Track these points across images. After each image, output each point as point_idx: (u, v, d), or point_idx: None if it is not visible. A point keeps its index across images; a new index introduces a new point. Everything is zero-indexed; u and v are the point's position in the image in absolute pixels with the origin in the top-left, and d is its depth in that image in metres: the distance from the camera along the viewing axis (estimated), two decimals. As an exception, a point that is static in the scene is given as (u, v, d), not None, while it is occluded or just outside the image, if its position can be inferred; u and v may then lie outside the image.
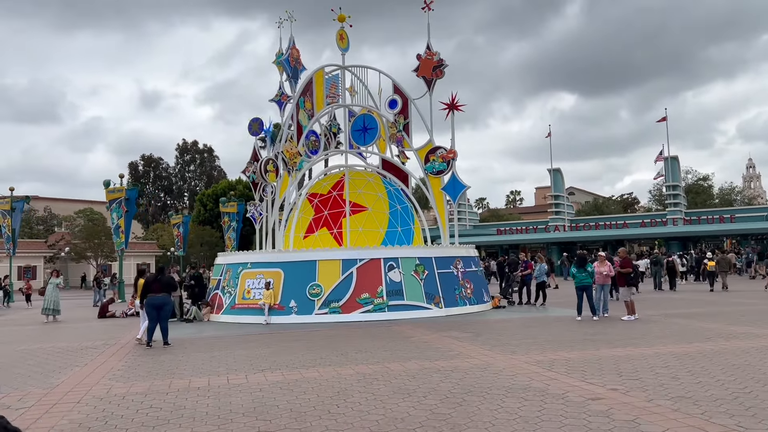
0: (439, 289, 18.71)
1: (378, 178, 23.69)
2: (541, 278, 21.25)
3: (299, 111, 20.66)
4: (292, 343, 13.44)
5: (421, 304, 18.27)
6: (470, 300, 19.58)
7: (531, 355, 10.82)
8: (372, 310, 17.77)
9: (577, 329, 14.51)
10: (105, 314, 22.67)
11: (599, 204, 76.09)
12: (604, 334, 13.45)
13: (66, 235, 65.36)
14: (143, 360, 11.73)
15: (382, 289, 17.98)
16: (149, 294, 13.53)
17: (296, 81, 21.12)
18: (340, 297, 17.80)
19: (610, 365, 9.69)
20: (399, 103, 21.86)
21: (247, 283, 18.87)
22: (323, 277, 18.00)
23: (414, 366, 10.07)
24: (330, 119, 23.35)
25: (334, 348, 12.41)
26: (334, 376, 9.39)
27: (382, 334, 14.53)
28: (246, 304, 18.60)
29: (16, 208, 40.35)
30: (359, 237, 22.67)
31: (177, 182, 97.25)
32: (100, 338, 15.62)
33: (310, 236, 23.67)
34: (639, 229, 50.54)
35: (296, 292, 18.01)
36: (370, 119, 21.79)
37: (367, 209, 23.41)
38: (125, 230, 36.51)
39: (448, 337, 13.58)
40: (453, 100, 21.05)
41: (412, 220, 23.27)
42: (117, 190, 36.35)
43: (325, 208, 23.66)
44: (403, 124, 21.68)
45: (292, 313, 17.86)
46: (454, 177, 20.84)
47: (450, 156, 20.82)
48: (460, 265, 19.69)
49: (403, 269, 18.39)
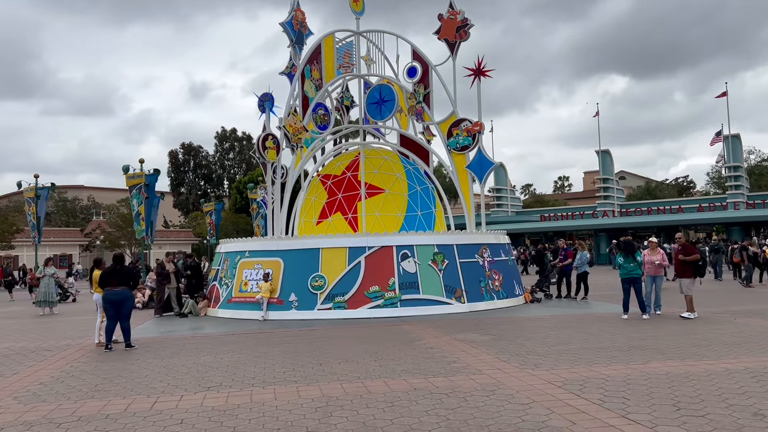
0: (461, 281, 16.26)
1: (396, 156, 21.28)
2: (583, 268, 18.51)
3: (305, 81, 18.40)
4: (272, 347, 11.25)
5: (439, 298, 15.85)
6: (499, 294, 17.05)
7: (558, 371, 8.33)
8: (382, 305, 15.46)
9: (622, 331, 11.89)
10: (105, 307, 21.00)
11: (651, 188, 71.65)
12: (655, 339, 10.81)
13: (102, 223, 65.09)
14: (83, 368, 9.72)
15: (394, 281, 15.65)
16: (106, 288, 11.52)
17: (301, 47, 18.83)
18: (346, 290, 15.55)
19: (664, 389, 7.14)
20: (419, 70, 19.36)
21: (244, 274, 16.79)
22: (327, 268, 15.77)
23: (400, 386, 7.72)
24: (342, 91, 21.00)
25: (317, 355, 10.17)
26: (289, 401, 7.13)
27: (384, 335, 12.22)
28: (243, 298, 16.53)
29: (41, 195, 39.55)
30: (375, 222, 20.34)
31: (216, 170, 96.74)
32: (75, 336, 13.76)
33: (324, 222, 21.46)
34: (696, 214, 46.61)
35: (297, 284, 15.85)
36: (387, 90, 19.40)
37: (384, 191, 21.02)
38: (146, 217, 35.08)
39: (461, 341, 11.17)
40: (479, 65, 18.43)
41: (433, 204, 20.78)
42: (137, 176, 34.90)
43: (339, 190, 21.39)
44: (423, 95, 19.17)
45: (292, 308, 15.70)
46: (481, 153, 18.26)
47: (476, 129, 18.24)
48: (486, 253, 17.16)
49: (419, 258, 15.99)
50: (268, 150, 17.27)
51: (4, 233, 48.54)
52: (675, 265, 14.12)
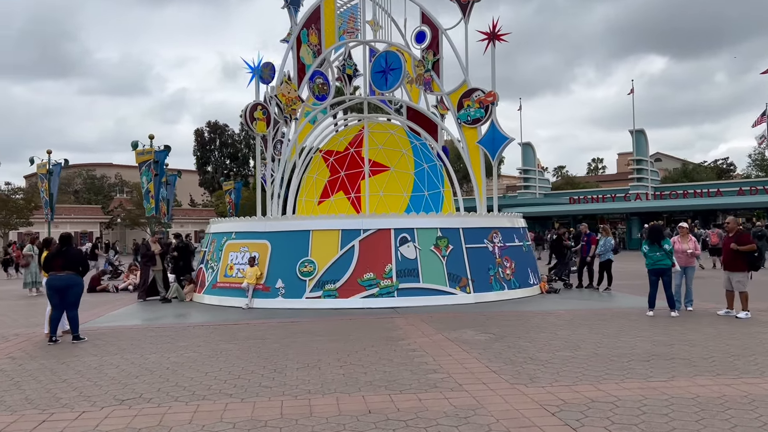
0: (467, 268, 14.59)
1: (401, 130, 19.54)
2: (606, 256, 16.64)
3: (301, 46, 16.75)
4: (234, 345, 9.79)
5: (441, 287, 14.22)
6: (510, 283, 15.34)
7: (557, 388, 6.68)
8: (377, 294, 13.90)
9: (645, 332, 10.12)
10: (95, 288, 19.91)
11: (688, 170, 68.37)
12: (684, 343, 9.04)
13: (124, 201, 64.76)
14: (2, 367, 8.37)
15: (391, 267, 14.05)
16: (51, 272, 10.17)
17: (297, 9, 17.17)
18: (338, 277, 14.01)
19: (690, 422, 5.44)
20: (428, 35, 17.53)
21: (230, 257, 15.39)
22: (317, 252, 14.24)
23: (354, 406, 6.17)
24: (345, 59, 19.27)
25: (278, 357, 8.68)
26: (203, 427, 5.63)
27: (368, 331, 10.66)
28: (228, 283, 15.14)
29: (53, 171, 38.85)
30: (380, 202, 18.71)
31: (242, 149, 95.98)
32: (37, 324, 12.49)
33: (326, 201, 19.91)
34: (736, 198, 43.79)
35: (284, 269, 14.37)
36: (393, 57, 17.60)
37: (389, 169, 19.33)
38: (155, 195, 33.99)
39: (453, 342, 9.56)
40: (494, 27, 16.56)
41: (441, 183, 19.04)
42: (146, 152, 33.76)
43: (341, 168, 19.77)
44: (433, 62, 17.34)
45: (279, 295, 14.25)
46: (494, 127, 16.43)
47: (489, 100, 16.41)
48: (497, 238, 15.43)
49: (420, 243, 14.35)
50: (257, 121, 15.73)
51: (23, 210, 48.26)
52: (724, 256, 12.10)
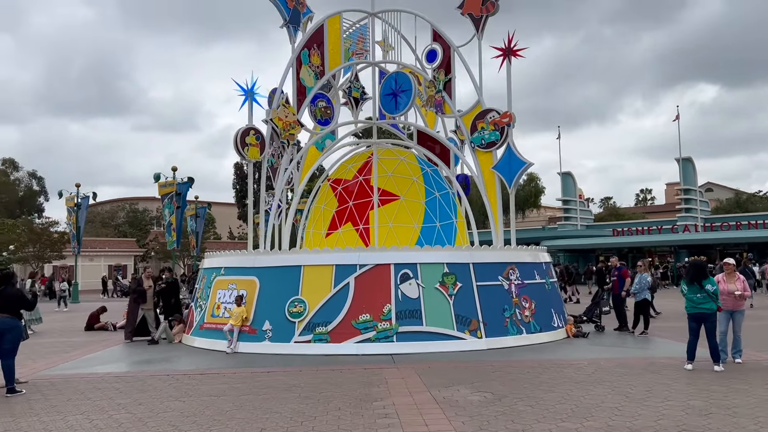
0: (478, 309, 12.86)
1: (412, 156, 18.06)
2: (642, 295, 14.67)
3: (301, 67, 15.56)
4: (181, 403, 8.34)
5: (448, 331, 12.52)
6: (529, 326, 13.52)
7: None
8: (373, 338, 12.30)
9: (679, 393, 8.25)
10: (93, 326, 18.84)
11: (742, 201, 64.58)
12: (726, 412, 7.16)
13: (159, 234, 64.85)
14: None
15: (390, 308, 12.46)
16: (-17, 316, 8.97)
17: (297, 28, 16.05)
18: (330, 319, 12.48)
19: None
20: (439, 53, 16.13)
21: (218, 295, 14.06)
22: (309, 290, 12.77)
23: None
24: (351, 80, 18.00)
25: (223, 423, 7.19)
26: None
27: (344, 387, 9.07)
28: (214, 323, 13.77)
29: (81, 205, 38.70)
30: (389, 234, 17.19)
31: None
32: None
33: (333, 233, 18.48)
34: (795, 229, 40.66)
35: (273, 309, 12.94)
36: (402, 78, 16.29)
37: (399, 198, 17.80)
38: (177, 228, 33.30)
39: (439, 404, 7.90)
40: (509, 42, 15.05)
41: (454, 212, 17.39)
42: (168, 185, 33.19)
43: (350, 197, 18.35)
44: (444, 82, 15.90)
45: (265, 338, 12.79)
46: (510, 151, 14.78)
47: (505, 121, 14.82)
48: (515, 275, 13.69)
49: (424, 280, 12.73)
50: (249, 147, 14.52)
51: (56, 243, 48.42)
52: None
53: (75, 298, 37.09)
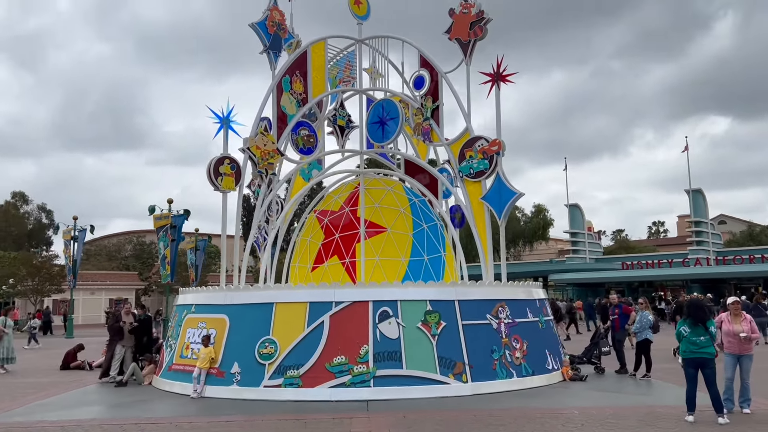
0: (464, 351, 11.90)
1: (399, 186, 17.29)
2: (644, 335, 13.64)
3: (282, 95, 14.94)
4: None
5: (430, 375, 11.55)
6: (520, 369, 12.51)
7: None
8: (348, 383, 11.35)
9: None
10: (69, 365, 17.96)
11: (755, 233, 63.18)
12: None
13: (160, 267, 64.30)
14: None
15: (367, 349, 11.53)
16: None
17: (277, 55, 15.49)
18: (302, 361, 11.57)
19: None
20: (427, 80, 15.48)
21: (188, 334, 13.20)
22: (280, 329, 11.88)
23: None
24: (336, 108, 17.36)
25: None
26: None
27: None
28: (182, 365, 12.90)
29: (78, 238, 38.21)
30: (375, 268, 16.33)
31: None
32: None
33: (319, 267, 17.63)
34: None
35: (242, 350, 12.04)
36: (389, 106, 15.66)
37: (386, 230, 16.97)
38: (171, 261, 32.55)
39: (400, 464, 6.94)
40: (498, 67, 14.37)
41: (443, 245, 16.52)
42: (163, 217, 32.54)
43: (336, 229, 17.55)
44: (432, 109, 15.21)
45: (233, 382, 11.87)
46: (500, 180, 13.97)
47: (494, 149, 14.06)
48: (504, 312, 12.73)
49: (405, 319, 11.81)
50: (223, 177, 13.83)
51: (55, 277, 47.88)
52: None
53: (70, 332, 36.33)
